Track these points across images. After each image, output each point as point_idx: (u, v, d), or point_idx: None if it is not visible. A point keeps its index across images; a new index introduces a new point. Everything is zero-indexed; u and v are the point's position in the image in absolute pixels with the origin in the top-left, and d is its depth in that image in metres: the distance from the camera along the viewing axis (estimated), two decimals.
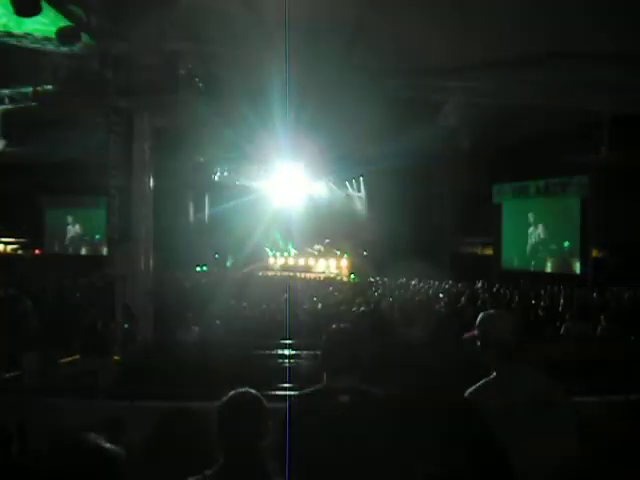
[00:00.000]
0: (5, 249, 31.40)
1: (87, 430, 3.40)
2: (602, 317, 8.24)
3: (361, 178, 26.32)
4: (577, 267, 20.19)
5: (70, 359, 9.30)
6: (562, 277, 19.63)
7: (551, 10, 14.12)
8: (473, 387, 2.26)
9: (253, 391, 1.79)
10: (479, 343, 2.30)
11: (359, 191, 27.18)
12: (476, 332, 2.32)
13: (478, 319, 2.35)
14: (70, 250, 28.93)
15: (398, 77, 20.91)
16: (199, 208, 28.04)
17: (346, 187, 27.11)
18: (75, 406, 5.95)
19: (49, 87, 10.32)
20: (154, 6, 10.25)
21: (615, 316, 9.38)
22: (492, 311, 2.44)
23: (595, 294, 14.05)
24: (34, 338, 8.01)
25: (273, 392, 3.37)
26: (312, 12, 16.44)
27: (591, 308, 10.94)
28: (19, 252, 31.10)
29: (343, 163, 24.21)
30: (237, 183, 26.42)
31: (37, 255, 28.92)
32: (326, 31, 17.46)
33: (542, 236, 21.81)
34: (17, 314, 9.77)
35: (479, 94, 19.40)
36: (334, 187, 27.08)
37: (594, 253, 20.19)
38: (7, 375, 8.32)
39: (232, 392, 1.78)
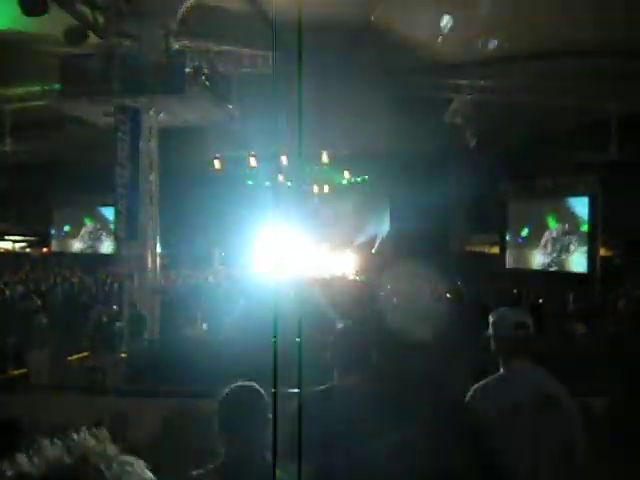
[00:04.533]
0: (14, 247, 31.64)
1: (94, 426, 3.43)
2: (610, 317, 8.21)
3: (367, 177, 26.25)
4: (584, 266, 20.07)
5: (78, 356, 9.38)
6: (569, 276, 19.53)
7: (560, 7, 14.06)
8: (478, 384, 2.27)
9: (253, 384, 1.80)
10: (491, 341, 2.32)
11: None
12: (489, 330, 2.33)
13: (490, 317, 2.36)
14: (80, 248, 29.04)
15: (405, 75, 20.91)
16: (205, 205, 28.06)
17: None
18: (83, 402, 5.99)
19: (56, 86, 10.38)
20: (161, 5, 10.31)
21: (622, 315, 9.34)
22: (503, 309, 2.44)
23: (602, 293, 13.97)
24: (43, 336, 8.07)
25: (282, 390, 3.38)
26: (323, 11, 16.46)
27: (595, 308, 10.89)
28: (27, 250, 31.33)
29: (350, 161, 24.20)
30: (248, 182, 26.50)
31: (45, 253, 29.11)
32: (335, 29, 17.49)
33: (549, 235, 21.69)
34: (26, 312, 9.87)
35: (487, 92, 19.37)
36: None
37: (601, 252, 20.05)
38: (16, 372, 8.40)
39: (232, 385, 1.80)
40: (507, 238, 23.43)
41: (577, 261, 20.50)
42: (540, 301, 12.33)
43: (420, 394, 2.03)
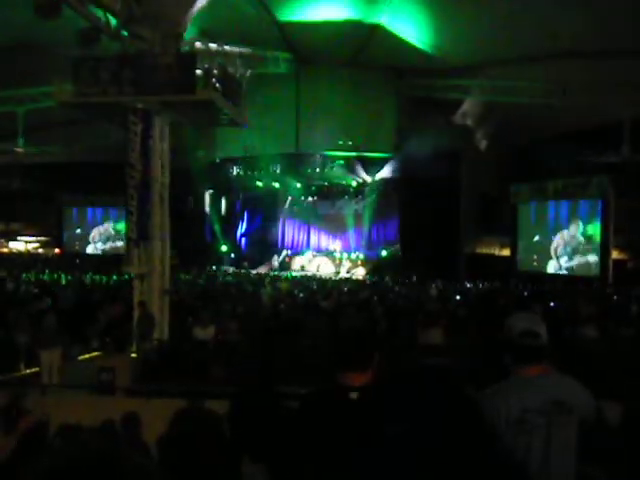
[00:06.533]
0: (26, 248, 31.97)
1: (105, 425, 3.44)
2: (623, 320, 8.10)
3: (377, 178, 26.19)
4: (596, 268, 19.88)
5: (89, 356, 9.45)
6: (581, 279, 19.34)
7: (571, 9, 13.96)
8: (488, 390, 2.23)
9: (263, 394, 1.81)
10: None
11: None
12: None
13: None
14: (94, 249, 29.23)
15: (416, 77, 20.87)
16: (216, 207, 28.15)
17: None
18: (93, 402, 6.03)
19: (69, 87, 10.46)
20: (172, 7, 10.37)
21: (635, 318, 9.23)
22: (516, 314, 2.39)
23: (614, 296, 13.81)
24: (54, 335, 8.13)
25: (287, 390, 3.39)
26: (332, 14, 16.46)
27: (608, 311, 10.77)
28: (39, 250, 31.63)
29: (360, 162, 24.16)
30: (257, 183, 26.55)
31: (56, 254, 29.37)
32: (342, 32, 17.50)
33: (560, 237, 21.52)
34: (37, 312, 9.95)
35: (498, 93, 19.27)
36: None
37: (614, 254, 19.84)
38: (28, 371, 8.48)
39: (238, 394, 1.80)
40: (518, 240, 23.27)
41: (589, 264, 20.31)
42: (552, 304, 12.19)
43: (429, 395, 2.01)
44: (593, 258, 20.00)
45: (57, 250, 29.83)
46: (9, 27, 15.16)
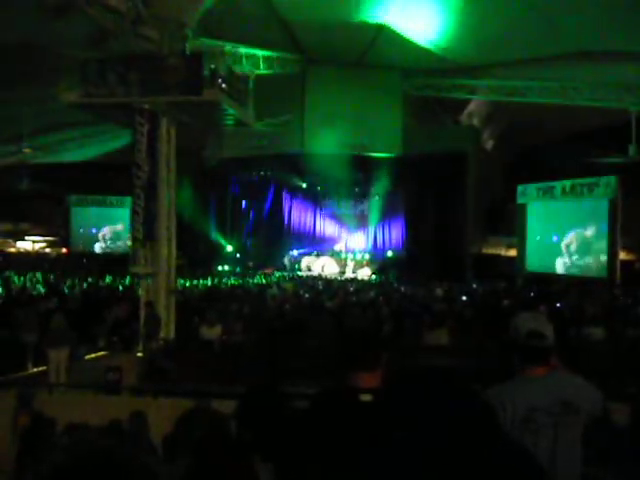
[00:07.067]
0: (33, 248, 32.17)
1: (112, 424, 3.46)
2: (630, 320, 8.06)
3: (384, 178, 26.18)
4: (604, 269, 19.76)
5: (96, 355, 9.50)
6: (588, 280, 19.23)
7: (580, 10, 13.88)
8: (494, 388, 2.23)
9: (268, 394, 1.81)
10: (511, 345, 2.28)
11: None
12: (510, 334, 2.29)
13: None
14: (102, 250, 29.31)
15: (422, 77, 20.83)
16: (221, 207, 28.21)
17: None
18: (100, 401, 6.06)
19: (76, 88, 10.53)
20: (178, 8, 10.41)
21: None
22: (522, 314, 2.39)
23: (622, 297, 13.73)
24: (61, 335, 8.18)
25: (293, 390, 3.39)
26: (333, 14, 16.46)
27: (615, 311, 10.71)
28: (46, 250, 31.82)
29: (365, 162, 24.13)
30: (263, 182, 26.59)
31: (63, 253, 29.52)
32: (348, 32, 17.49)
33: (568, 238, 21.41)
34: (45, 312, 10.02)
35: (504, 93, 19.20)
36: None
37: (621, 255, 19.72)
38: (36, 370, 8.54)
39: (243, 394, 1.81)
40: (525, 240, 23.17)
41: (596, 264, 20.20)
42: (558, 305, 12.14)
43: (434, 395, 2.00)
44: (602, 259, 19.89)
45: (64, 250, 29.98)
46: (14, 27, 15.25)
